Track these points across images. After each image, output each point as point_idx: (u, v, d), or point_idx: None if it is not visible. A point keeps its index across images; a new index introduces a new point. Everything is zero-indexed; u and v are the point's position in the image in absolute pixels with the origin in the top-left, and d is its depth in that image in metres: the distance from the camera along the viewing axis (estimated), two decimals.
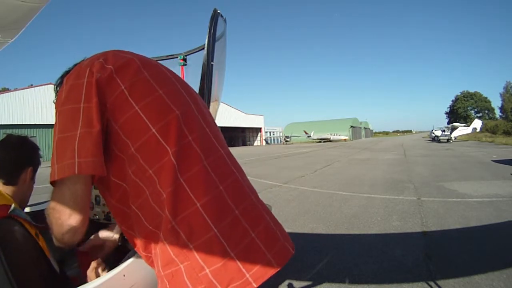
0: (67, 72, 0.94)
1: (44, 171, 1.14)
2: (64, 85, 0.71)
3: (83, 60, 0.91)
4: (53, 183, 0.67)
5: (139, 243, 0.76)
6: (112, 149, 0.70)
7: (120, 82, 0.70)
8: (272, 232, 0.77)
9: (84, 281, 0.85)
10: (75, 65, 0.94)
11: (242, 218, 0.72)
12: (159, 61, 1.38)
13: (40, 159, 1.12)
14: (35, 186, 1.12)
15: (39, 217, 1.58)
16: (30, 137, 1.14)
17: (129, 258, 0.96)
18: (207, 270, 0.66)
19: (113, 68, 0.71)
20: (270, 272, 0.71)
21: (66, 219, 0.67)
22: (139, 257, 1.00)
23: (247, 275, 0.67)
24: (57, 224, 0.69)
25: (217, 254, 0.67)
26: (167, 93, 0.74)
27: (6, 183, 0.98)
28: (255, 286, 0.68)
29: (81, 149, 0.63)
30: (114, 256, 1.05)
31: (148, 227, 0.71)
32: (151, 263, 0.77)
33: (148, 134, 0.68)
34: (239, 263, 0.68)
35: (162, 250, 0.69)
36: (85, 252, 1.00)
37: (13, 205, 0.90)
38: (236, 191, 0.75)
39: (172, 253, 0.67)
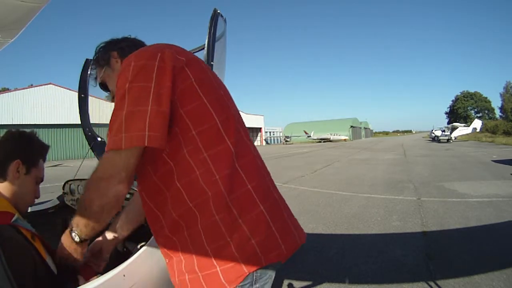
0: (103, 48, 0.99)
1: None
2: (130, 64, 0.75)
3: (124, 38, 1.01)
4: (106, 152, 0.72)
5: (167, 222, 0.81)
6: (173, 129, 0.76)
7: (190, 75, 0.77)
8: (294, 217, 0.92)
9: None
10: (103, 46, 0.99)
11: (279, 201, 0.86)
12: None
13: (36, 155, 1.08)
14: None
15: (39, 216, 1.59)
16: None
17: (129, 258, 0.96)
18: (253, 241, 0.75)
19: (185, 60, 0.77)
20: (295, 247, 0.83)
21: (114, 185, 0.72)
22: (139, 257, 1.00)
23: (282, 247, 0.79)
24: (100, 195, 0.74)
25: (262, 227, 0.77)
26: (224, 93, 0.86)
27: None
28: (287, 255, 0.80)
29: (152, 123, 0.70)
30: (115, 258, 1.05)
31: (188, 204, 0.76)
32: (171, 244, 0.82)
33: (212, 123, 0.77)
34: (277, 236, 0.79)
35: (209, 226, 0.75)
36: (87, 266, 1.01)
37: (16, 215, 0.91)
38: (272, 181, 0.90)
39: (223, 228, 0.74)
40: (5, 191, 0.97)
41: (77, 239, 0.83)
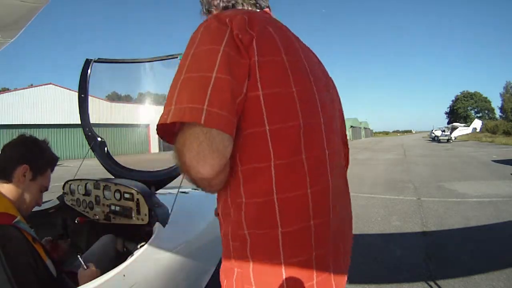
0: None
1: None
2: (200, 28, 0.60)
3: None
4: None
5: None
6: None
7: (256, 51, 0.56)
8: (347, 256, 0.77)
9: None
10: None
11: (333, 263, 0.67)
12: (157, 61, 1.33)
13: (45, 164, 1.09)
14: None
15: (39, 217, 1.59)
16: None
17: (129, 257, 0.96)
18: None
19: (255, 35, 0.58)
20: None
21: (195, 166, 0.51)
22: (139, 257, 1.00)
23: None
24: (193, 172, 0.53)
25: None
26: (300, 92, 0.59)
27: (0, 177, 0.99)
28: None
29: (216, 95, 0.53)
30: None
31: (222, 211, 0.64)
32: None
33: (259, 130, 0.57)
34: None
35: (225, 245, 0.63)
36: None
37: (18, 217, 0.91)
38: (338, 228, 0.69)
39: (233, 254, 0.61)
40: (9, 193, 0.98)
41: None
